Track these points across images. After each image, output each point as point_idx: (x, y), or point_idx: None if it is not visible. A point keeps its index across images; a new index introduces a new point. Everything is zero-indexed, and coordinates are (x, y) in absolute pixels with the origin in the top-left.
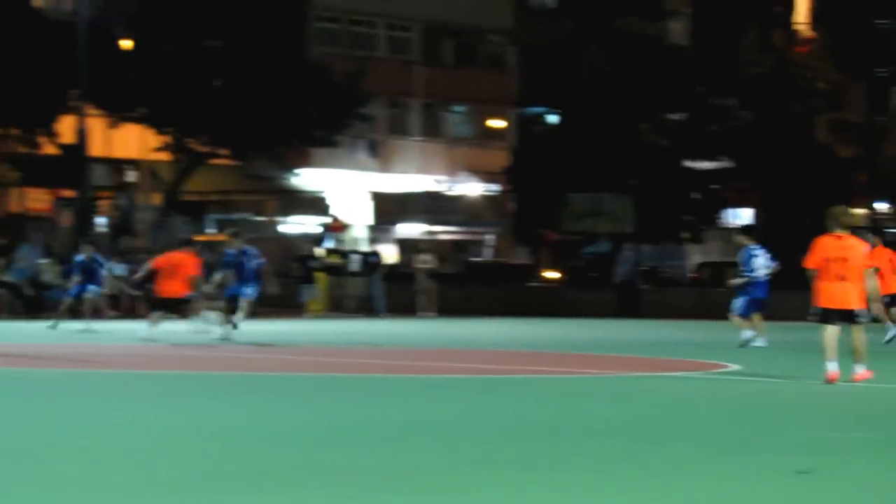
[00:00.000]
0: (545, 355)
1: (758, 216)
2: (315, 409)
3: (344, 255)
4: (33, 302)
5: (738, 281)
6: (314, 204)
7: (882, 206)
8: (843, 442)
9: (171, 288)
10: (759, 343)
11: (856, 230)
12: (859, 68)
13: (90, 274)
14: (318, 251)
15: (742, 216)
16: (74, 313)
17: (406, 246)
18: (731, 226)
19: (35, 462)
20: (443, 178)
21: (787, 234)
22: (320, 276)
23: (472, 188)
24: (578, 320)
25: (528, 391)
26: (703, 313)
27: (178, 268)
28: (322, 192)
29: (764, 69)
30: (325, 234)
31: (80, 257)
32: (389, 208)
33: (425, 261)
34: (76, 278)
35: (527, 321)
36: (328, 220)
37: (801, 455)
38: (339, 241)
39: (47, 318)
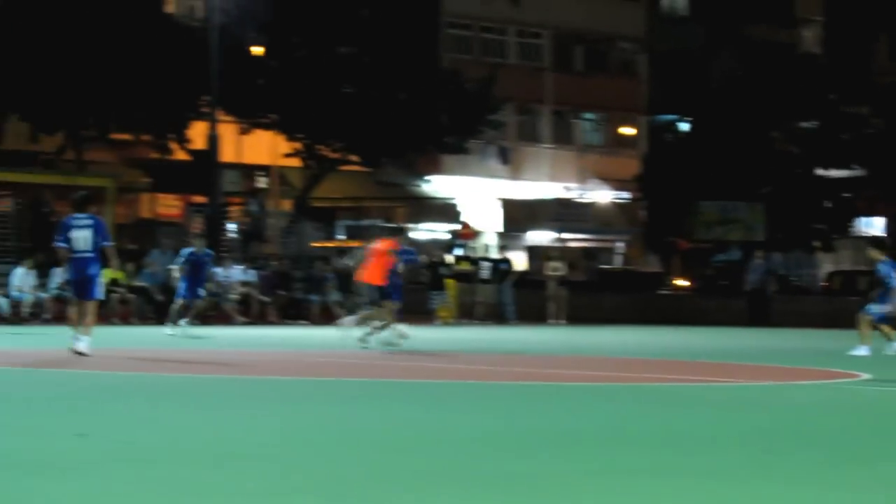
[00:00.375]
0: (675, 363)
1: (889, 225)
2: (452, 416)
3: (474, 262)
4: (164, 307)
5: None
6: (444, 211)
7: None
8: None
9: (370, 276)
10: (863, 352)
11: None
12: None
13: (198, 268)
14: (448, 258)
15: (874, 225)
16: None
17: (535, 253)
18: (862, 234)
19: (165, 467)
20: (573, 185)
21: None
22: (450, 283)
23: (603, 196)
24: (709, 328)
25: (659, 399)
26: (833, 322)
27: (380, 256)
28: (453, 198)
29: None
30: (455, 241)
31: (189, 249)
32: (519, 215)
33: (555, 268)
34: (177, 271)
35: (657, 329)
36: (458, 227)
37: None
38: (469, 248)
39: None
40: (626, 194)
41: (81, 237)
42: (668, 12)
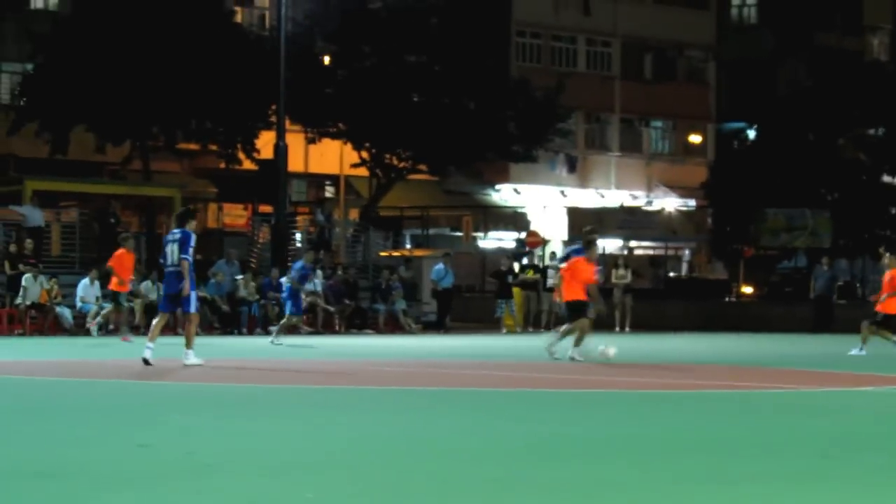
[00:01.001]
0: (739, 370)
1: None
2: (510, 424)
3: (540, 270)
4: (229, 318)
5: None
6: (512, 219)
7: None
8: None
9: (571, 292)
10: None
11: None
12: None
13: (304, 281)
14: (515, 266)
15: None
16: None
17: (601, 261)
18: None
19: (224, 477)
20: (640, 193)
21: None
22: (516, 292)
23: (669, 203)
24: (773, 335)
25: (721, 405)
26: None
27: (578, 272)
28: (522, 207)
29: None
30: (522, 249)
31: (300, 262)
32: (586, 223)
33: (621, 276)
34: (291, 278)
35: (722, 336)
36: (525, 235)
37: None
38: (535, 256)
39: (241, 333)
40: (692, 202)
41: (170, 251)
42: (737, 20)
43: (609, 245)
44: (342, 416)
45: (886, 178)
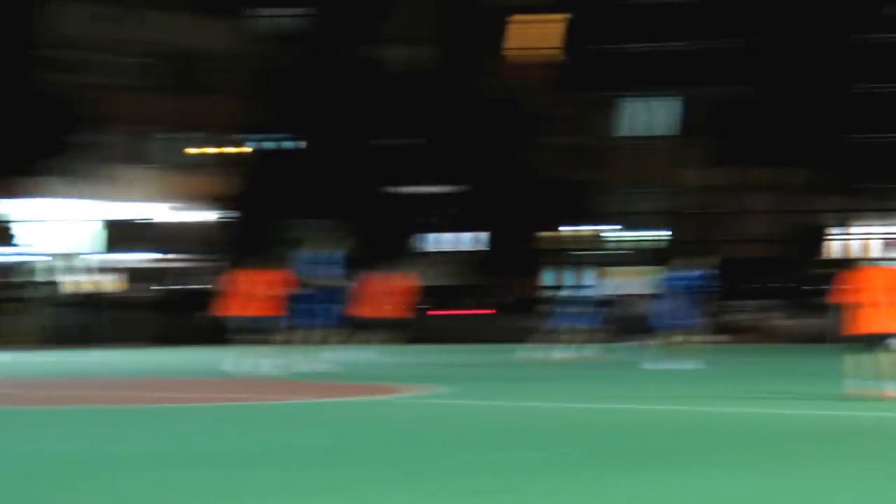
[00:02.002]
0: (224, 383)
1: (477, 240)
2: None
3: (33, 285)
4: None
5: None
6: (5, 234)
7: (607, 229)
8: (513, 462)
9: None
10: None
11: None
12: (592, 93)
13: None
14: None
15: (462, 240)
16: None
17: (107, 274)
18: (430, 250)
19: None
20: (166, 205)
21: (505, 258)
22: (6, 308)
23: (192, 215)
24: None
25: (224, 419)
26: (427, 338)
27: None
28: (12, 220)
29: (496, 93)
30: (21, 264)
31: None
32: (112, 236)
33: (103, 287)
34: None
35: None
36: (23, 249)
37: (475, 476)
38: (35, 270)
39: None
40: (213, 214)
41: None
42: (270, 30)
43: (119, 258)
44: None
45: (407, 189)
